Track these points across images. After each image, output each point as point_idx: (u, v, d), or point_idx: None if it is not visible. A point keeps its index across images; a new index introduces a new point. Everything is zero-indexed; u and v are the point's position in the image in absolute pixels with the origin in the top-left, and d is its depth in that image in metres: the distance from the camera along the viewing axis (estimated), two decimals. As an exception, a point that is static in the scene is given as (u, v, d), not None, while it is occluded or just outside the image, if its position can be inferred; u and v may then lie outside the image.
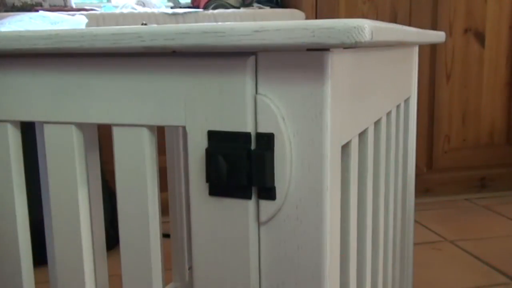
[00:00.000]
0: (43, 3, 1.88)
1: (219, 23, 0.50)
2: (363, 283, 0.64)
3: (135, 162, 0.50)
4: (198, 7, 2.00)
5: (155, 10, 1.88)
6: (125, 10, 1.91)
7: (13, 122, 0.55)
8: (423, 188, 2.05)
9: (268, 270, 0.46)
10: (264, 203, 0.45)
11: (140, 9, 1.95)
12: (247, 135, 0.44)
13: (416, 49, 0.97)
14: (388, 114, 0.74)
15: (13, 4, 1.84)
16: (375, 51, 0.61)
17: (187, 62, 0.46)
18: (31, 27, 1.41)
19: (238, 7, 2.02)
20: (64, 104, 0.51)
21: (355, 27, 0.38)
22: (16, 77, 0.53)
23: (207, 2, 1.99)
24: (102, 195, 0.60)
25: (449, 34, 1.99)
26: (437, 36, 0.91)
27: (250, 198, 0.45)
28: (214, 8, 1.97)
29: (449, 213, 1.93)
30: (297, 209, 0.44)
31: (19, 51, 0.49)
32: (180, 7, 2.08)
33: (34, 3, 1.86)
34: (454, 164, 2.08)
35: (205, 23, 0.43)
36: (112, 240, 1.41)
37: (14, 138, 0.56)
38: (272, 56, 0.43)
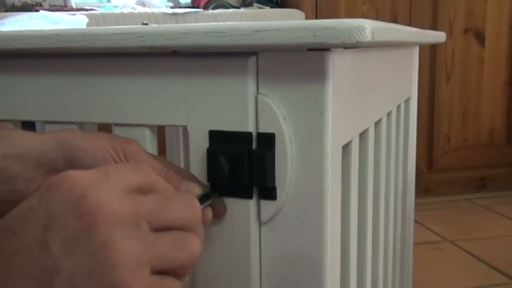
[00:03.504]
0: (43, 3, 1.88)
1: (220, 23, 0.50)
2: (363, 283, 0.64)
3: (136, 162, 0.50)
4: (198, 7, 2.00)
5: (155, 10, 1.88)
6: (125, 10, 1.91)
7: (13, 122, 0.55)
8: (423, 188, 2.05)
9: (268, 270, 0.46)
10: (265, 203, 0.45)
11: (140, 9, 1.95)
12: (248, 135, 0.44)
13: (417, 49, 0.97)
14: (389, 114, 0.74)
15: (13, 4, 1.84)
16: (375, 51, 0.61)
17: (188, 62, 0.46)
18: (32, 27, 1.41)
19: (238, 7, 2.02)
20: (65, 104, 0.51)
21: (356, 27, 0.38)
22: (17, 77, 0.52)
23: (207, 2, 1.99)
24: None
25: (449, 34, 1.99)
26: (437, 36, 0.91)
27: (251, 198, 0.45)
28: (214, 8, 1.97)
29: (449, 213, 1.93)
30: (297, 209, 0.44)
31: (19, 51, 0.49)
32: (180, 7, 2.08)
33: (34, 3, 1.86)
34: (454, 164, 2.08)
35: (206, 23, 0.43)
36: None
37: (14, 138, 0.56)
38: (273, 56, 0.43)
